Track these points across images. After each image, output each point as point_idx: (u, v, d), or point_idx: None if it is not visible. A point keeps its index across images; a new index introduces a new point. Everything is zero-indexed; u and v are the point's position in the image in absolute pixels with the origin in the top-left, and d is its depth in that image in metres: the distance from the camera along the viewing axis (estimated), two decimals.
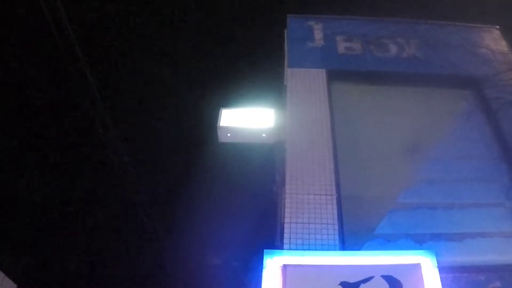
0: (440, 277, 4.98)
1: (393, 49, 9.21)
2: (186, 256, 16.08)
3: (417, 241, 6.08)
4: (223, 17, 12.88)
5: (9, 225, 14.40)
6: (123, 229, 15.67)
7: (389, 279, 4.97)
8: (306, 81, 8.22)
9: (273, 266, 5.12)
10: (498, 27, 9.85)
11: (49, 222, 15.07)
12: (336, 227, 5.98)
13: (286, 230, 5.95)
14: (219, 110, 8.93)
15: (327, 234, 5.89)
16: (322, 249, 5.70)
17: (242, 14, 12.79)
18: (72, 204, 15.02)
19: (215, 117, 8.86)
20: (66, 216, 15.19)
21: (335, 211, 6.17)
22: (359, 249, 5.82)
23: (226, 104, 9.26)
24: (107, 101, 12.50)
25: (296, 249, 5.69)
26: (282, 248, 5.73)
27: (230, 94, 11.65)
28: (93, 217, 15.35)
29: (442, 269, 5.06)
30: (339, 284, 4.97)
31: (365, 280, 4.99)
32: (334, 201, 6.30)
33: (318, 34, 9.50)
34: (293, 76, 8.35)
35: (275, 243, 6.99)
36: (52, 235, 15.42)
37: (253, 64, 12.89)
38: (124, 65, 13.23)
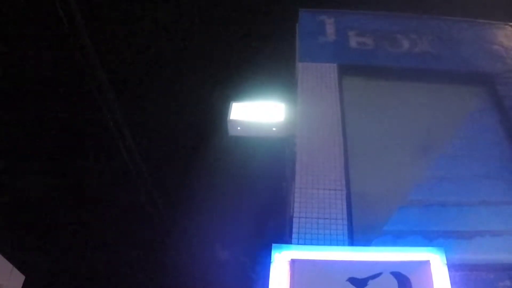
0: (449, 275, 4.94)
1: (406, 44, 9.16)
2: (194, 251, 16.11)
3: (427, 238, 6.05)
4: (236, 10, 12.84)
5: (17, 219, 14.49)
6: (129, 223, 15.71)
7: (398, 275, 4.94)
8: (317, 76, 8.19)
9: (281, 260, 5.10)
10: (511, 24, 9.77)
11: (57, 216, 15.14)
12: (345, 222, 5.96)
13: (294, 225, 5.94)
14: (229, 103, 8.92)
15: (336, 229, 5.87)
16: (330, 244, 5.68)
17: (254, 7, 12.75)
18: (79, 197, 15.06)
19: (226, 111, 8.86)
20: (74, 210, 15.23)
21: (345, 207, 6.15)
22: (368, 245, 5.79)
23: (237, 98, 9.25)
24: (116, 93, 12.53)
25: (305, 244, 5.67)
26: (290, 243, 5.72)
27: (240, 88, 11.64)
28: (100, 209, 15.38)
29: (451, 266, 5.02)
30: (347, 280, 4.95)
31: (373, 276, 4.97)
32: (344, 197, 6.28)
33: (330, 29, 9.46)
34: (304, 70, 8.32)
35: (284, 237, 6.98)
36: (60, 229, 15.49)
37: (265, 58, 12.87)
38: (134, 56, 13.21)
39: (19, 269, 10.93)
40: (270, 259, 5.11)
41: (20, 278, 11.01)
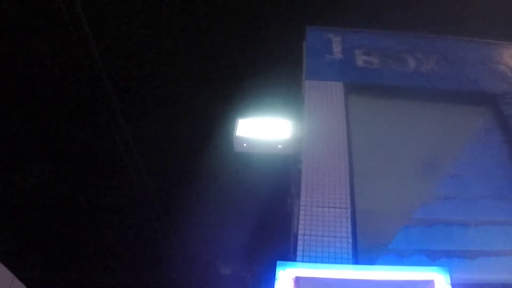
0: None
1: (412, 64, 9.21)
2: (197, 266, 16.08)
3: (431, 258, 6.05)
4: (243, 27, 12.92)
5: (18, 226, 14.49)
6: (133, 236, 15.70)
7: None
8: (323, 94, 8.24)
9: (285, 278, 5.12)
10: None
11: (58, 224, 15.14)
12: (350, 240, 5.98)
13: (299, 242, 5.96)
14: (235, 119, 8.96)
15: (341, 247, 5.89)
16: (335, 263, 5.70)
17: (261, 24, 12.83)
18: (81, 206, 15.08)
19: (232, 127, 8.89)
20: (75, 219, 15.24)
21: (349, 225, 6.17)
22: (372, 264, 5.80)
23: (243, 114, 9.28)
24: (122, 106, 12.58)
25: (309, 262, 5.69)
26: (295, 260, 5.74)
27: (247, 104, 11.68)
28: (103, 222, 15.39)
29: (455, 286, 5.03)
30: None
31: None
32: (349, 215, 6.30)
33: (336, 47, 9.52)
34: (310, 88, 8.37)
35: (288, 255, 7.00)
36: (61, 238, 15.48)
37: (272, 75, 12.91)
38: (141, 71, 13.29)
39: (20, 279, 10.92)
40: (275, 276, 5.12)
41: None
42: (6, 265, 10.29)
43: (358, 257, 5.87)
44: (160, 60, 13.34)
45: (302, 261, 5.70)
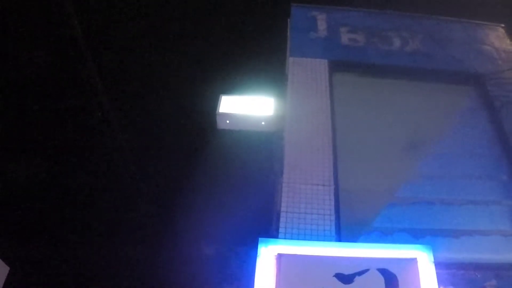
0: (436, 273, 4.93)
1: (397, 43, 9.14)
2: (179, 245, 16.03)
3: (414, 236, 6.03)
4: (227, 4, 12.80)
5: (3, 210, 14.36)
6: (119, 217, 15.62)
7: (385, 272, 4.92)
8: (307, 71, 8.15)
9: (267, 254, 5.06)
10: (503, 25, 9.80)
11: (44, 208, 15.03)
12: (333, 218, 5.93)
13: (282, 219, 5.90)
14: (219, 96, 8.86)
15: (324, 224, 5.83)
16: (318, 240, 5.63)
17: (247, 1, 12.72)
18: (70, 194, 14.96)
19: (215, 104, 8.79)
20: (63, 206, 15.13)
21: (332, 202, 6.12)
22: (355, 241, 5.75)
23: (226, 91, 9.18)
24: (106, 87, 12.46)
25: (292, 239, 5.62)
26: (277, 237, 5.66)
27: (230, 81, 11.59)
28: (90, 205, 15.29)
29: (438, 264, 5.02)
30: (334, 276, 4.92)
31: (360, 273, 4.94)
32: (332, 192, 6.25)
33: (321, 25, 9.42)
34: (294, 65, 8.27)
35: (271, 232, 6.93)
36: (46, 221, 15.36)
37: (255, 52, 12.83)
38: (124, 51, 13.15)
39: (4, 260, 10.82)
40: (256, 253, 5.05)
41: (4, 269, 10.89)
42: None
43: (341, 234, 5.81)
44: (142, 38, 13.19)
45: (285, 238, 5.63)
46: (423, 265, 4.97)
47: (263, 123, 8.62)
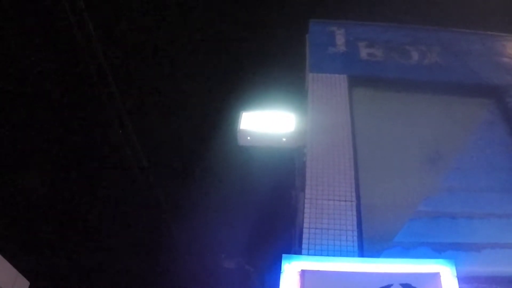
0: (459, 287, 4.95)
1: (415, 56, 9.20)
2: (202, 260, 16.11)
3: (437, 250, 6.04)
4: (247, 21, 12.91)
5: (21, 224, 14.51)
6: (140, 231, 15.73)
7: (408, 287, 4.96)
8: (327, 86, 8.23)
9: (291, 271, 5.11)
10: None
11: (60, 220, 15.16)
12: (355, 233, 5.97)
13: (305, 235, 5.95)
14: (239, 113, 8.95)
15: (346, 240, 5.89)
16: (340, 255, 5.69)
17: (265, 18, 12.82)
18: (86, 203, 15.09)
19: (236, 120, 8.88)
20: (80, 215, 15.26)
21: (355, 218, 6.16)
22: (378, 257, 5.80)
23: (247, 107, 9.28)
24: (125, 102, 12.59)
25: (315, 255, 5.69)
26: (300, 253, 5.73)
27: (251, 98, 11.67)
28: (108, 218, 15.42)
29: (461, 279, 5.03)
30: None
31: None
32: (354, 208, 6.30)
33: (340, 40, 9.51)
34: (314, 81, 8.35)
35: (293, 248, 7.00)
36: (64, 234, 15.50)
37: (275, 68, 12.92)
38: (145, 66, 13.29)
39: (24, 275, 10.97)
40: (280, 270, 5.12)
41: (24, 283, 11.05)
42: (10, 262, 10.31)
43: (363, 249, 5.86)
44: (163, 55, 13.33)
45: (308, 254, 5.70)
46: (446, 280, 4.99)
47: (284, 139, 8.68)
